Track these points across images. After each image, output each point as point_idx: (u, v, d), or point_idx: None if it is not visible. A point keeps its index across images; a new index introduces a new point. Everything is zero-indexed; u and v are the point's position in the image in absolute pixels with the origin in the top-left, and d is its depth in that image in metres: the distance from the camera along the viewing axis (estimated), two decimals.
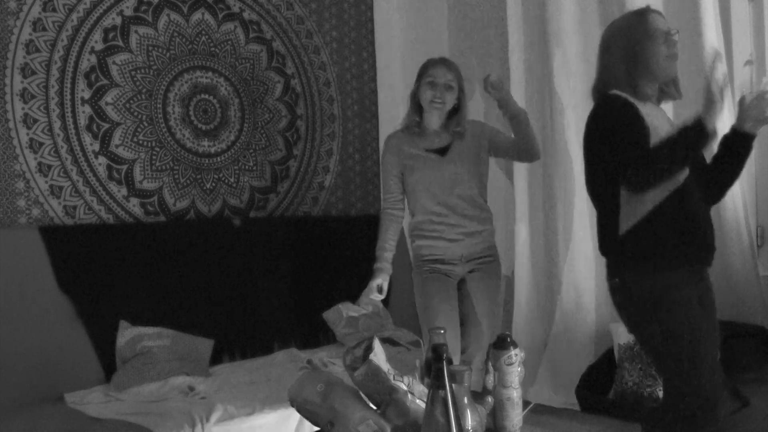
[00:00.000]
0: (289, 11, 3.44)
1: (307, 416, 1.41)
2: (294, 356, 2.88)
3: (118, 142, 2.80)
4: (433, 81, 2.33)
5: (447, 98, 2.34)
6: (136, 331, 2.54)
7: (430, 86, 2.33)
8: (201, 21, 3.08)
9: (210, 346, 2.71)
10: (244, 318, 2.94)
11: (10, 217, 2.51)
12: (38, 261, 2.44)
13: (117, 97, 2.80)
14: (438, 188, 2.35)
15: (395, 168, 2.41)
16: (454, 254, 2.35)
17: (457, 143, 2.40)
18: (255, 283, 3.03)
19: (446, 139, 2.41)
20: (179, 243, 2.84)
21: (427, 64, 2.40)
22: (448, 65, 2.38)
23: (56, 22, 2.63)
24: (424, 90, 2.35)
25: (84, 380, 2.42)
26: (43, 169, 2.60)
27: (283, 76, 3.40)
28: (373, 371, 1.38)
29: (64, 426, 2.04)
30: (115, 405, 2.23)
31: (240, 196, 3.21)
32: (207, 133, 3.10)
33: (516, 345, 1.50)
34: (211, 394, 2.32)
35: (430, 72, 2.35)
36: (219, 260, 2.93)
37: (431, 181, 2.36)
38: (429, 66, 2.38)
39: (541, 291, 3.12)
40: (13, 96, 2.52)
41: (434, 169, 2.36)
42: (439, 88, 2.33)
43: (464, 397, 1.35)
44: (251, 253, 3.05)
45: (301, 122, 3.48)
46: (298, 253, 3.23)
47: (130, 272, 2.66)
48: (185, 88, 3.02)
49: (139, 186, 2.87)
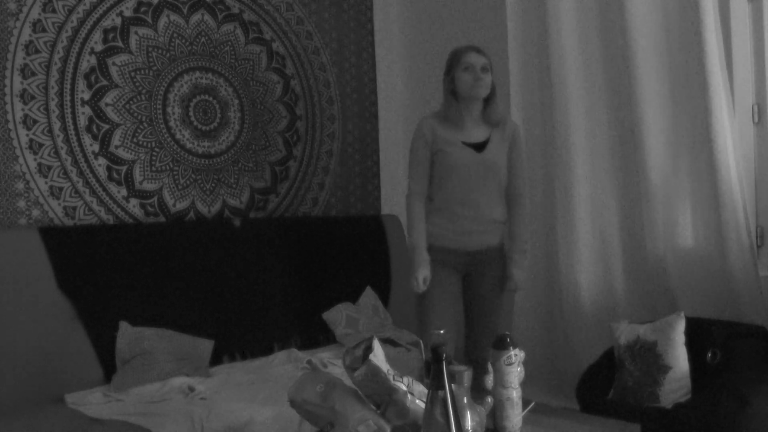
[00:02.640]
0: (289, 12, 3.44)
1: (306, 417, 1.41)
2: (294, 357, 2.87)
3: (117, 143, 2.80)
4: (470, 65, 2.28)
5: (487, 80, 2.30)
6: (136, 331, 2.54)
7: (467, 71, 2.28)
8: (201, 22, 3.08)
9: (210, 346, 2.71)
10: (244, 318, 2.94)
11: (10, 218, 2.51)
12: (38, 262, 2.44)
13: (117, 98, 2.80)
14: (469, 183, 2.32)
15: (427, 150, 2.34)
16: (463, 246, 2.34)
17: (495, 138, 2.37)
18: (255, 284, 3.03)
19: (484, 132, 2.37)
20: (179, 244, 2.84)
21: (457, 52, 2.34)
22: (479, 50, 2.33)
23: (56, 23, 2.63)
24: (461, 76, 2.29)
25: (84, 381, 2.42)
26: (43, 170, 2.60)
27: (282, 77, 3.40)
28: (373, 372, 1.38)
29: (64, 426, 2.03)
30: (115, 405, 2.23)
31: (240, 196, 3.21)
32: (207, 133, 3.10)
33: (515, 345, 1.50)
34: (211, 395, 2.32)
35: (465, 59, 2.30)
36: (219, 261, 2.93)
37: (463, 175, 2.32)
38: (461, 53, 2.32)
39: (541, 291, 3.12)
40: (12, 97, 2.52)
41: (470, 163, 2.32)
42: (478, 72, 2.28)
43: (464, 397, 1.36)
44: (251, 253, 3.05)
45: (300, 123, 3.48)
46: (298, 253, 3.23)
47: (130, 273, 2.66)
48: (185, 88, 3.02)
49: (138, 187, 2.87)
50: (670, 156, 2.69)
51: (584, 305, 2.92)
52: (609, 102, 2.85)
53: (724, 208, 2.48)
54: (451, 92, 2.33)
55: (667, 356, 2.30)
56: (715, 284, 2.57)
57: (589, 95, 2.90)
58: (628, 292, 2.84)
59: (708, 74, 2.46)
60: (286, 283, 3.14)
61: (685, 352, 2.32)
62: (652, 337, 2.37)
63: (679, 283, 2.67)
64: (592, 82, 2.88)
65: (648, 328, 2.43)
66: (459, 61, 2.30)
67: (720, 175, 2.48)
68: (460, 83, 2.30)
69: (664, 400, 2.26)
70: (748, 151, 2.67)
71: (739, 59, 2.64)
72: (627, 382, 2.37)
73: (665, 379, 2.28)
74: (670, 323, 2.36)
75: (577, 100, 2.90)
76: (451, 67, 2.33)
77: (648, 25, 2.66)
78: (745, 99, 2.66)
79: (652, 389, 2.29)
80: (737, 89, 2.62)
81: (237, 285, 2.96)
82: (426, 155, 2.34)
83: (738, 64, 2.64)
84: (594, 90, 2.88)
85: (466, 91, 2.30)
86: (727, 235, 2.48)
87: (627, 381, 2.37)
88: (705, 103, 2.48)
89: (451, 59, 2.35)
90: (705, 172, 2.55)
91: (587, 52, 2.89)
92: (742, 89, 2.64)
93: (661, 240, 2.69)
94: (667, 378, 2.28)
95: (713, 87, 2.46)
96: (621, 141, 2.82)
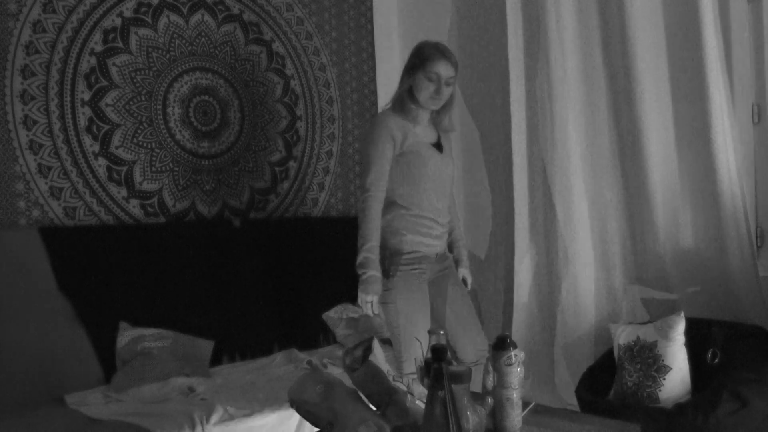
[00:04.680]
0: (289, 12, 3.44)
1: (306, 417, 1.41)
2: (294, 357, 2.88)
3: (117, 144, 2.80)
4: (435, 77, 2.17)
5: (445, 95, 2.21)
6: (136, 332, 2.54)
7: (431, 81, 2.17)
8: (201, 22, 3.08)
9: (210, 347, 2.71)
10: (244, 319, 2.94)
11: (10, 219, 2.51)
12: (38, 262, 2.44)
13: (117, 99, 2.80)
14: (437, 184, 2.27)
15: (393, 149, 2.19)
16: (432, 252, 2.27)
17: (445, 140, 2.35)
18: (255, 284, 3.03)
19: (433, 133, 2.31)
20: (179, 244, 2.84)
21: (426, 56, 2.18)
22: (450, 59, 2.19)
23: (56, 24, 2.63)
24: (422, 83, 2.18)
25: (84, 381, 2.42)
26: (43, 171, 2.60)
27: (282, 77, 3.40)
28: (373, 372, 1.38)
29: (63, 427, 2.03)
30: (115, 406, 2.23)
31: (240, 197, 3.21)
32: (207, 134, 3.10)
33: (515, 346, 1.50)
34: (211, 395, 2.32)
35: (432, 68, 2.16)
36: (219, 261, 2.93)
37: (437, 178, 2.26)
38: (430, 59, 2.17)
39: (541, 291, 3.12)
40: (13, 97, 2.52)
41: (438, 165, 2.27)
42: (441, 85, 2.17)
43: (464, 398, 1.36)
44: (251, 254, 3.05)
45: (300, 123, 3.48)
46: (298, 254, 3.23)
47: (130, 273, 2.66)
48: (185, 89, 3.02)
49: (139, 187, 2.87)
50: (670, 156, 2.70)
51: (584, 306, 2.92)
52: (609, 102, 2.85)
53: (724, 208, 2.48)
54: (409, 90, 2.22)
55: (667, 356, 2.30)
56: (715, 284, 2.57)
57: (589, 95, 2.90)
58: (628, 292, 2.84)
59: (708, 74, 2.46)
60: (286, 284, 3.14)
61: (685, 353, 2.32)
62: (652, 337, 2.38)
63: (679, 283, 2.67)
64: (592, 82, 2.88)
65: (648, 329, 2.43)
66: (425, 68, 2.17)
67: (720, 175, 2.48)
68: (418, 89, 2.19)
69: (664, 401, 2.26)
70: (748, 151, 2.67)
71: (739, 59, 2.64)
72: (627, 383, 2.37)
73: (665, 379, 2.28)
74: (670, 323, 2.36)
75: (577, 100, 2.90)
76: (416, 67, 2.20)
77: (648, 25, 2.66)
78: (745, 99, 2.66)
79: (652, 389, 2.29)
80: (737, 89, 2.62)
81: (237, 285, 2.96)
82: (391, 154, 2.19)
83: (738, 64, 2.64)
84: (594, 90, 2.88)
85: (422, 100, 2.21)
86: (727, 235, 2.49)
87: (627, 381, 2.37)
88: (705, 103, 2.48)
89: (418, 59, 2.20)
90: (705, 172, 2.55)
91: (587, 52, 2.89)
92: (742, 89, 2.65)
93: (661, 240, 2.69)
94: (667, 378, 2.28)
95: (713, 87, 2.46)
96: (621, 141, 2.82)
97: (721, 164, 2.48)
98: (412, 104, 2.22)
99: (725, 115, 2.49)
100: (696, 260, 2.65)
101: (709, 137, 2.49)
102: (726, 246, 2.49)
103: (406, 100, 2.22)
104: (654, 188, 2.68)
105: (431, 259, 2.28)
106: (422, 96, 2.20)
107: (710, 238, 2.58)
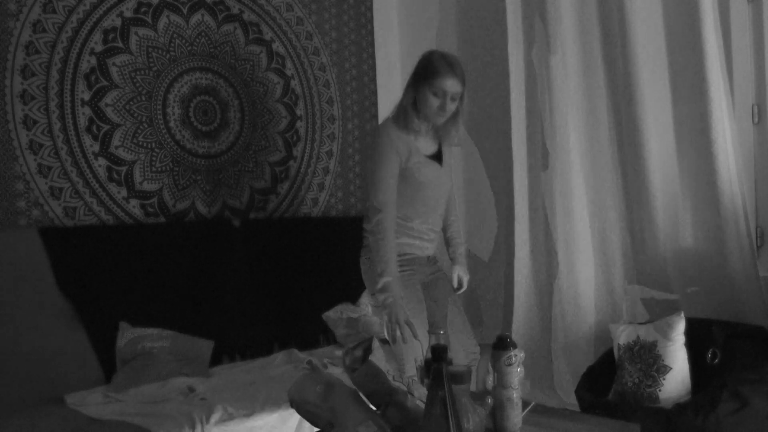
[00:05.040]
0: (289, 12, 3.44)
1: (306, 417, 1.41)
2: (294, 357, 2.87)
3: (117, 144, 2.80)
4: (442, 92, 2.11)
5: (450, 109, 2.16)
6: (136, 332, 2.54)
7: (436, 96, 2.12)
8: (201, 22, 3.08)
9: (210, 347, 2.71)
10: (243, 319, 2.94)
11: (10, 219, 2.51)
12: (38, 262, 2.44)
13: (117, 99, 2.80)
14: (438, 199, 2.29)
15: (398, 167, 2.16)
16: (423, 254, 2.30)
17: (446, 150, 2.33)
18: (255, 284, 3.03)
19: (434, 145, 2.28)
20: (179, 244, 2.84)
21: (434, 71, 2.12)
22: (457, 74, 2.12)
23: (56, 24, 2.63)
24: (428, 98, 2.13)
25: (84, 381, 2.42)
26: (43, 171, 2.60)
27: (282, 77, 3.40)
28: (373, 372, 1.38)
29: (63, 426, 2.03)
30: (115, 406, 2.23)
31: (240, 197, 3.21)
32: (207, 134, 3.10)
33: (515, 345, 1.50)
34: (211, 395, 2.32)
35: (439, 84, 2.10)
36: (219, 261, 2.93)
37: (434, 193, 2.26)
38: (437, 75, 2.10)
39: (541, 292, 3.12)
40: (13, 97, 2.52)
41: (437, 178, 2.25)
42: (446, 100, 2.12)
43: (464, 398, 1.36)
44: (251, 254, 3.05)
45: (300, 123, 3.48)
46: (297, 254, 3.23)
47: (130, 273, 2.66)
48: (185, 89, 3.02)
49: (138, 187, 2.87)
50: (670, 156, 2.70)
51: (584, 306, 2.92)
52: (609, 102, 2.85)
53: (724, 208, 2.48)
54: (412, 102, 2.17)
55: (667, 356, 2.31)
56: (715, 284, 2.57)
57: (589, 95, 2.90)
58: (628, 292, 2.85)
59: (708, 74, 2.46)
60: (286, 284, 3.14)
61: (685, 352, 2.32)
62: (651, 337, 2.38)
63: (679, 283, 2.67)
64: (592, 82, 2.88)
65: (648, 329, 2.43)
66: (431, 83, 2.11)
67: (720, 175, 2.48)
68: (423, 103, 2.14)
69: (664, 401, 2.26)
70: (748, 151, 2.67)
71: (739, 59, 2.64)
72: (627, 383, 2.37)
73: (665, 379, 2.28)
74: (670, 323, 2.36)
75: (577, 100, 2.91)
76: (421, 80, 2.14)
77: (648, 25, 2.66)
78: (745, 99, 2.66)
79: (652, 389, 2.29)
80: (737, 89, 2.62)
81: (237, 285, 2.96)
82: (398, 170, 2.16)
83: (738, 64, 2.64)
84: (594, 90, 2.88)
85: (426, 114, 2.17)
86: (727, 235, 2.49)
87: (627, 381, 2.37)
88: (705, 103, 2.49)
89: (425, 73, 2.14)
90: (705, 172, 2.55)
91: (587, 52, 2.89)
92: (742, 89, 2.65)
93: (661, 240, 2.70)
94: (667, 378, 2.28)
95: (713, 87, 2.46)
96: (621, 141, 2.82)
97: (721, 164, 2.48)
98: (415, 118, 2.18)
99: (725, 115, 2.49)
100: (696, 260, 2.65)
101: (709, 137, 2.49)
102: (726, 246, 2.49)
103: (410, 113, 2.18)
104: (654, 188, 2.68)
105: (422, 261, 2.30)
106: (426, 111, 2.16)
107: (710, 238, 2.58)
